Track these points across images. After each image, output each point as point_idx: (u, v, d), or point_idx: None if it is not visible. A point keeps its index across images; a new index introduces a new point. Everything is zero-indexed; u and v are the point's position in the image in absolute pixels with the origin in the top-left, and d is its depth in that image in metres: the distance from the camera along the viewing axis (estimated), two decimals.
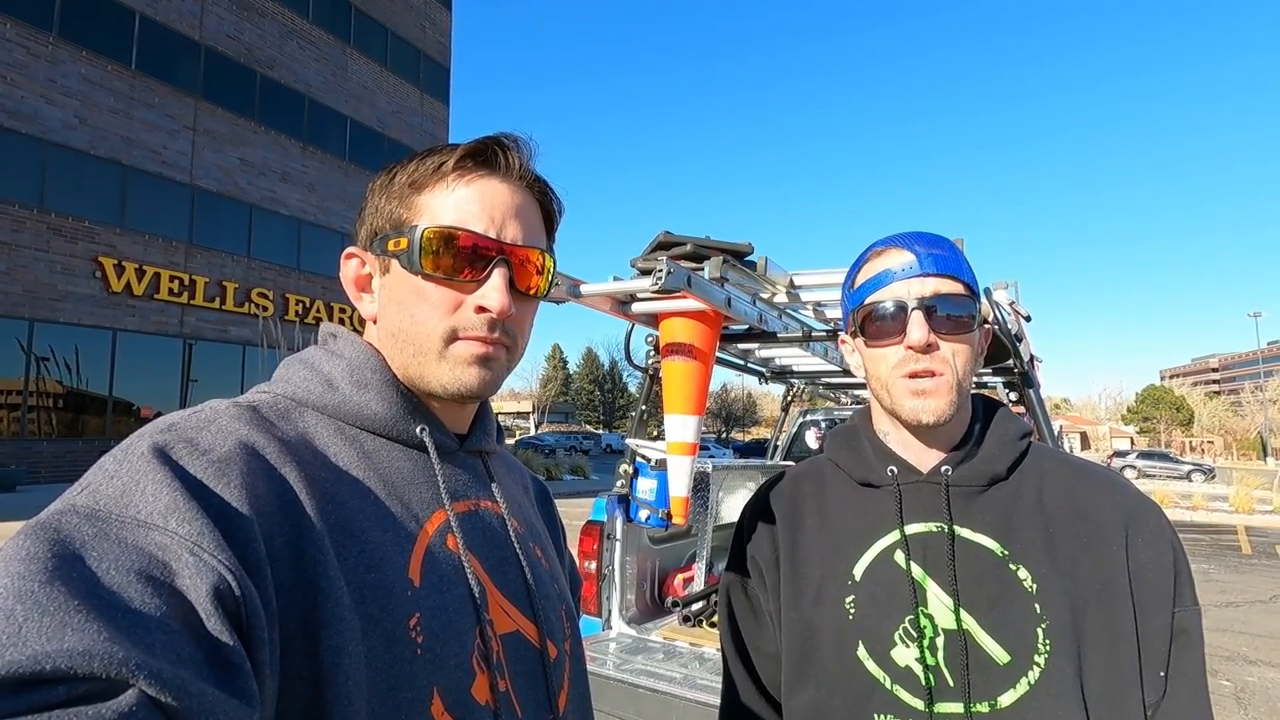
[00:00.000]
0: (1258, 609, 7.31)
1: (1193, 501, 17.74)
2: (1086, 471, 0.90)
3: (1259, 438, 64.70)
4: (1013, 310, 2.76)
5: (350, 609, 0.53)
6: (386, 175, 0.70)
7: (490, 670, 0.62)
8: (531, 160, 0.71)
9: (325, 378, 0.66)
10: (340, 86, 20.59)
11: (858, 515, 0.92)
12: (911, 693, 0.81)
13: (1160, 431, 74.01)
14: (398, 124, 22.29)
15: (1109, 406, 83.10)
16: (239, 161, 17.82)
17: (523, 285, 0.68)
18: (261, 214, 18.30)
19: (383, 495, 0.62)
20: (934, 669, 0.81)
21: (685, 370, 2.50)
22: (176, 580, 0.43)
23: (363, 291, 0.72)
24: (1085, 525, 0.84)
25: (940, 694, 0.80)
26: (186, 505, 0.47)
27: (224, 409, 0.59)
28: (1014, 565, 0.82)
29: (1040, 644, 0.79)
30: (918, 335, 0.83)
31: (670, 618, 3.21)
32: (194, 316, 16.56)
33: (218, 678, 0.41)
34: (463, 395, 0.67)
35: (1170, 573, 0.82)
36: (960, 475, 0.88)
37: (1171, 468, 33.72)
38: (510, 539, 0.72)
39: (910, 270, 0.86)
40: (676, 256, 2.33)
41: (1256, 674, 5.23)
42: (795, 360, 3.98)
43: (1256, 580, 8.90)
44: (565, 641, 0.74)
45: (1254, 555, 11.01)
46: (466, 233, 0.65)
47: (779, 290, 2.68)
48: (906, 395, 0.85)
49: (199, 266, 16.74)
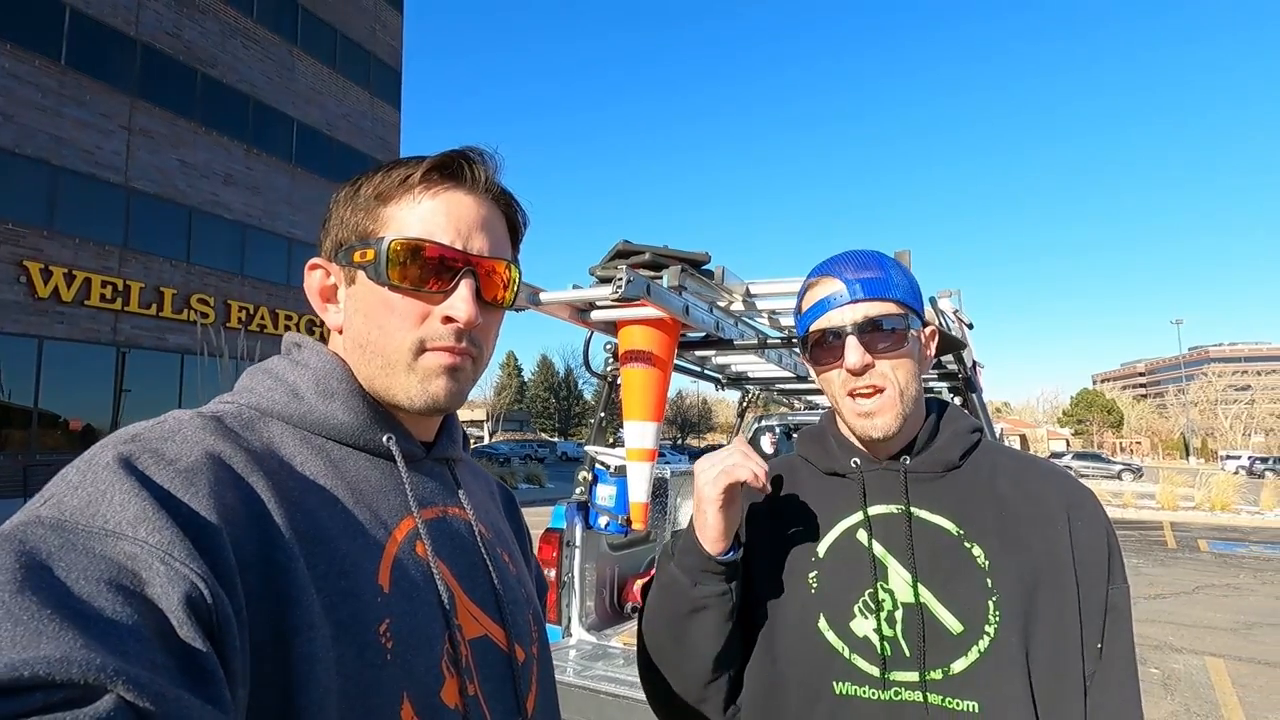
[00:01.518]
0: (1182, 600, 7.74)
1: (1123, 499, 18.68)
2: (1032, 462, 1.00)
3: (1182, 438, 68.49)
4: (956, 318, 2.88)
5: (320, 616, 0.54)
6: (351, 187, 0.71)
7: (459, 674, 0.63)
8: (497, 173, 0.72)
9: (290, 387, 0.66)
10: (286, 87, 20.03)
11: (824, 500, 0.99)
12: (869, 661, 0.87)
13: (1093, 433, 77.65)
14: (347, 127, 21.81)
15: (1046, 410, 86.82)
16: (178, 163, 17.14)
17: (489, 296, 0.70)
18: (202, 218, 17.64)
19: (351, 503, 0.62)
20: (890, 639, 0.88)
21: (644, 377, 2.53)
22: (148, 589, 0.43)
23: (328, 302, 0.72)
24: (1033, 508, 0.92)
25: (896, 663, 0.86)
26: (156, 514, 0.47)
27: (188, 419, 0.58)
28: (968, 544, 0.90)
29: (991, 615, 0.86)
30: (853, 359, 0.90)
31: (630, 623, 3.22)
32: (128, 324, 15.82)
33: (192, 684, 0.42)
34: (430, 410, 0.68)
35: (1105, 552, 0.90)
36: (918, 463, 0.96)
37: (1104, 467, 35.43)
38: (478, 545, 0.73)
39: (841, 299, 0.93)
40: (635, 265, 2.36)
41: (1182, 661, 5.53)
42: (751, 367, 4.06)
43: (1181, 573, 9.42)
44: (533, 645, 0.75)
45: (1178, 549, 11.65)
46: (433, 244, 0.66)
47: (735, 298, 2.74)
48: (854, 416, 0.93)
49: (134, 272, 16.01)
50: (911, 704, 0.85)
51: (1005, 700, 0.82)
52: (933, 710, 0.84)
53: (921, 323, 0.96)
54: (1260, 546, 12.00)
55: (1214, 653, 5.76)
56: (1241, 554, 11.19)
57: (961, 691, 0.84)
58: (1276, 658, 5.66)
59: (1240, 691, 4.87)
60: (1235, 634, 6.36)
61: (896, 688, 0.86)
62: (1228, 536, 13.29)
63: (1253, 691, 4.88)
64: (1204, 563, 10.33)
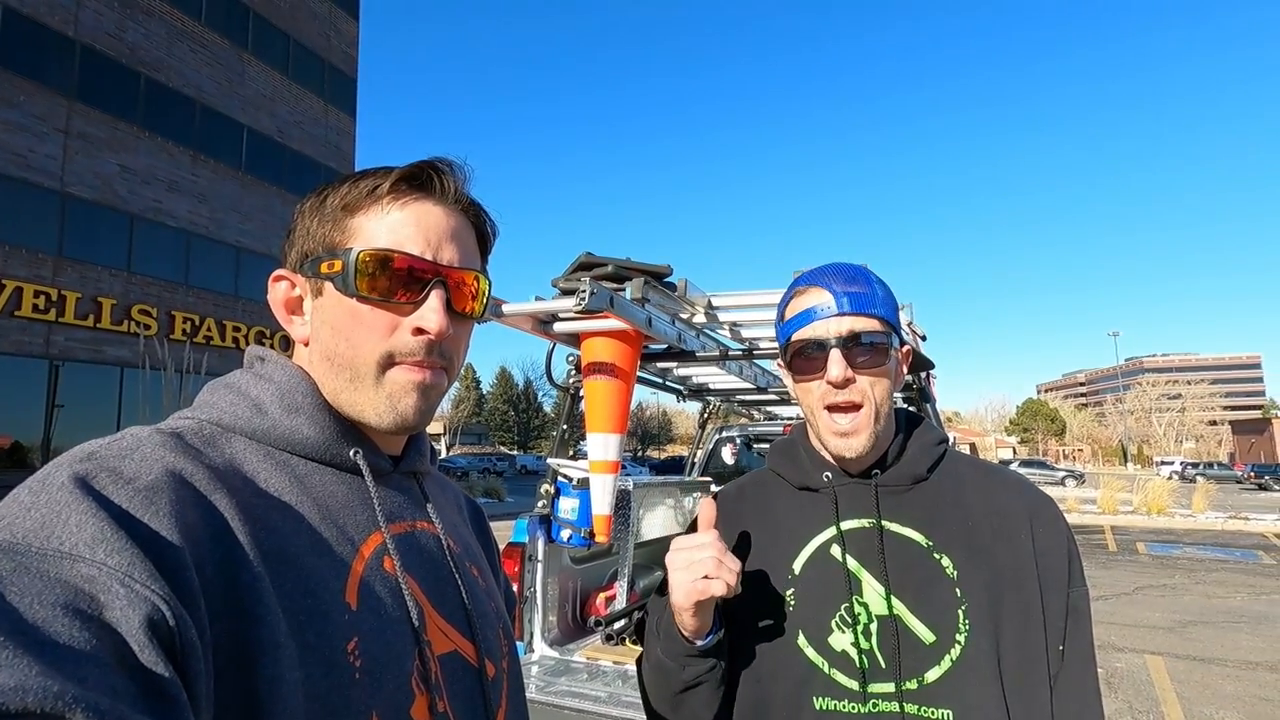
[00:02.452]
0: (1123, 601, 8.07)
1: (1067, 505, 19.38)
2: (996, 471, 1.03)
3: (1120, 445, 71.56)
4: (909, 330, 2.97)
5: (286, 635, 0.52)
6: (317, 197, 0.70)
7: (429, 691, 0.62)
8: (467, 184, 0.72)
9: (254, 402, 0.65)
10: (235, 93, 19.49)
11: (797, 515, 1.00)
12: (848, 675, 0.88)
13: (1038, 441, 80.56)
14: (299, 134, 21.32)
15: (994, 419, 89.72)
16: (118, 168, 16.47)
17: (459, 307, 0.69)
18: (145, 225, 16.97)
19: (317, 520, 0.61)
20: (868, 652, 0.89)
21: (607, 389, 2.53)
22: (106, 612, 0.42)
23: (293, 314, 0.71)
24: (997, 518, 0.94)
25: (873, 675, 0.87)
26: (114, 535, 0.45)
27: (146, 436, 0.56)
28: (937, 554, 0.91)
29: (961, 624, 0.88)
30: (836, 372, 0.91)
31: (593, 637, 3.19)
32: (62, 335, 15.08)
33: (153, 710, 0.40)
34: (398, 429, 0.67)
35: (1065, 557, 0.93)
36: (888, 477, 0.97)
37: (1048, 474, 36.79)
38: (447, 559, 0.72)
39: (828, 310, 0.93)
40: (599, 277, 2.37)
41: (1124, 660, 5.76)
42: (712, 378, 4.10)
43: (1121, 575, 9.82)
44: (503, 660, 0.74)
45: (1119, 552, 12.15)
46: (403, 255, 0.65)
47: (697, 311, 2.77)
48: (830, 434, 0.94)
49: (69, 281, 15.29)
50: (888, 714, 0.86)
51: (977, 706, 0.84)
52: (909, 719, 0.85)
53: (900, 341, 0.98)
54: (1193, 548, 12.60)
55: (1153, 651, 6.01)
56: (1177, 555, 11.72)
57: (936, 700, 0.85)
58: (1209, 654, 5.93)
59: (1178, 687, 5.09)
60: (1172, 632, 6.65)
61: (874, 700, 0.86)
62: (1164, 539, 13.92)
63: (1189, 687, 5.11)
64: (1143, 564, 10.79)
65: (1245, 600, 8.15)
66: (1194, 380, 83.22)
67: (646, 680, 0.97)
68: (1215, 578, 9.61)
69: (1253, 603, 8.02)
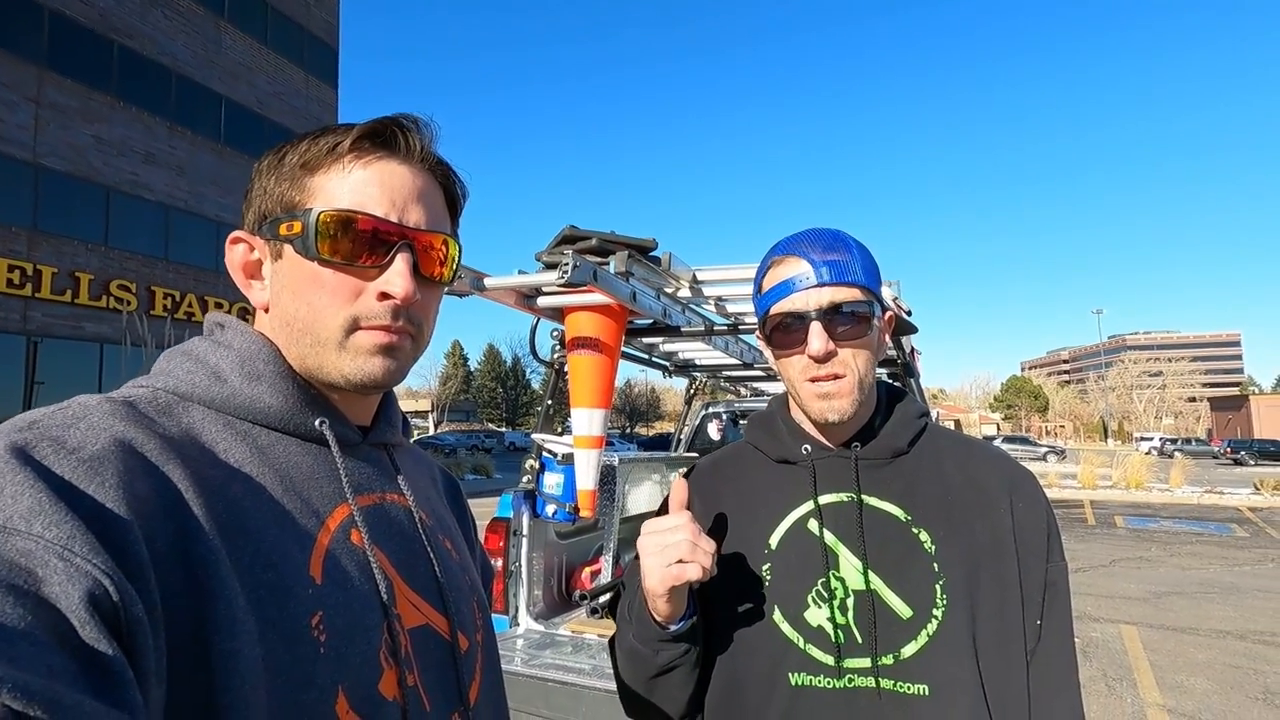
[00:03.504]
0: (1100, 573, 8.25)
1: (1048, 480, 19.71)
2: (976, 446, 1.01)
3: (1101, 421, 72.71)
4: (896, 306, 2.96)
5: (245, 610, 0.51)
6: (275, 155, 0.66)
7: (399, 665, 0.60)
8: (433, 142, 0.69)
9: (212, 370, 0.62)
10: (213, 62, 18.96)
11: (774, 489, 0.97)
12: (823, 650, 0.87)
13: (1021, 418, 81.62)
14: (279, 106, 20.83)
15: (979, 396, 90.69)
16: (93, 139, 16.04)
17: (427, 272, 0.67)
18: (122, 198, 16.58)
19: (279, 492, 0.59)
20: (844, 627, 0.87)
21: (591, 364, 2.52)
22: (44, 588, 0.40)
23: (252, 278, 0.68)
24: (976, 492, 0.93)
25: (849, 650, 0.86)
26: (53, 507, 0.43)
27: (94, 404, 0.54)
28: (916, 529, 0.90)
29: (938, 599, 0.86)
30: (817, 345, 0.87)
31: (578, 611, 3.21)
32: (39, 311, 14.79)
33: (96, 688, 0.39)
34: (366, 386, 0.65)
35: (1045, 532, 0.92)
36: (868, 450, 0.95)
37: (1031, 450, 37.34)
38: (418, 532, 0.70)
39: (807, 281, 0.89)
40: (582, 251, 2.33)
41: (1099, 630, 5.90)
42: (698, 354, 4.08)
43: (1099, 547, 10.03)
44: (477, 633, 0.73)
45: (1097, 525, 12.40)
46: (366, 216, 0.63)
47: (682, 285, 2.74)
48: (813, 399, 0.91)
49: (45, 255, 14.96)
50: (864, 689, 0.85)
51: (953, 681, 0.84)
52: (885, 695, 0.84)
53: (882, 309, 0.95)
54: (1170, 522, 12.88)
55: (1128, 621, 6.15)
56: (1153, 529, 11.98)
57: (912, 675, 0.84)
58: (1182, 624, 6.09)
59: (1150, 655, 5.23)
60: (1146, 603, 6.81)
61: (850, 675, 0.85)
62: (1141, 513, 14.21)
63: (1161, 655, 5.25)
64: (1120, 538, 11.02)
65: (1218, 572, 8.36)
66: (1175, 358, 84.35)
67: (620, 664, 0.96)
68: (1190, 550, 9.83)
69: (1225, 574, 8.22)
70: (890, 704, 0.84)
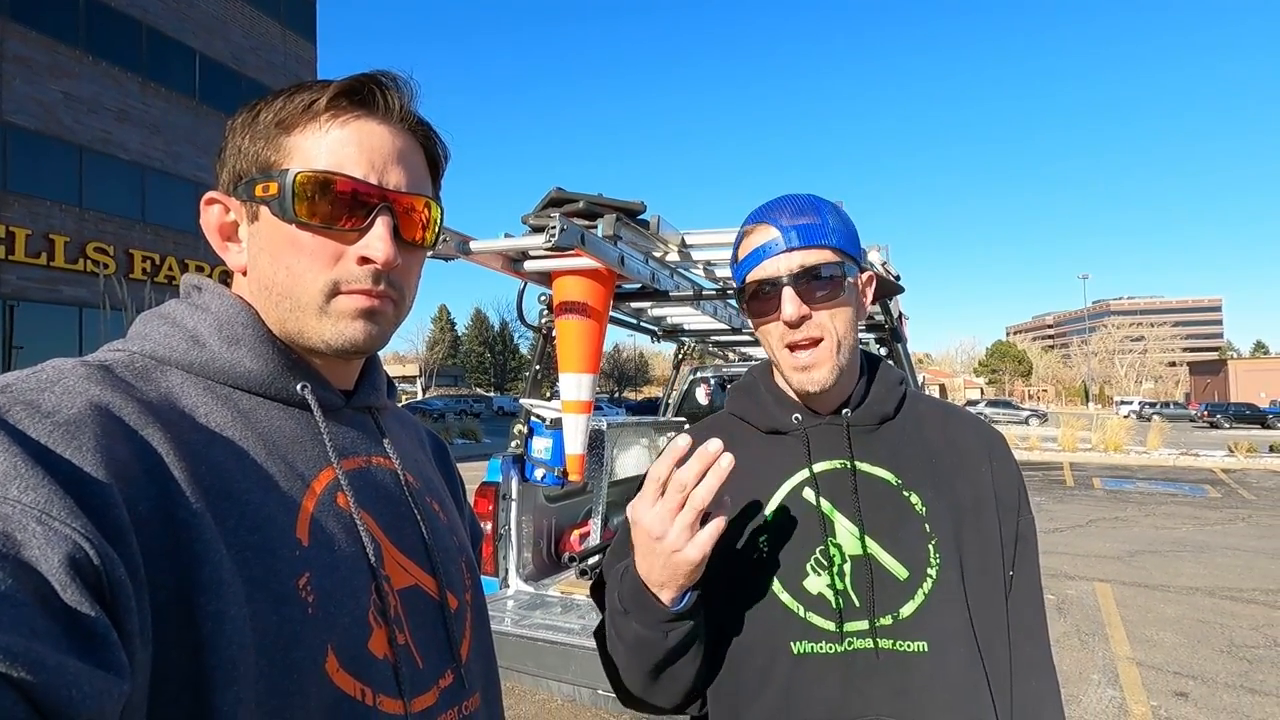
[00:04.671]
0: (1077, 533, 8.47)
1: (1030, 443, 20.09)
2: (953, 410, 1.05)
3: (1083, 385, 73.84)
4: (885, 271, 2.96)
5: (232, 572, 0.51)
6: (249, 113, 0.64)
7: (388, 624, 0.61)
8: (413, 101, 0.67)
9: (190, 333, 0.61)
10: (185, 15, 18.26)
11: (767, 460, 0.97)
12: (824, 617, 0.88)
13: (1005, 382, 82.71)
14: (256, 61, 20.17)
15: (964, 361, 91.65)
16: (62, 95, 15.50)
17: (408, 235, 0.65)
18: (95, 157, 16.12)
19: (262, 456, 0.58)
20: (842, 592, 0.89)
21: (579, 328, 2.51)
22: (24, 551, 0.40)
23: (228, 241, 0.66)
24: (958, 454, 0.97)
25: (848, 614, 0.88)
26: (29, 471, 0.42)
27: (70, 368, 0.53)
28: (906, 492, 0.92)
29: (931, 558, 0.89)
30: (790, 310, 0.88)
31: (567, 573, 3.26)
32: (14, 274, 14.48)
33: (79, 650, 0.39)
34: (347, 350, 0.64)
35: (1016, 487, 0.97)
36: (858, 416, 0.96)
37: (1013, 414, 38.03)
38: (405, 494, 0.70)
39: (777, 247, 0.90)
40: (569, 214, 2.30)
41: (1075, 587, 6.08)
42: (686, 319, 4.08)
43: (1076, 508, 10.28)
44: (466, 593, 0.74)
45: (1075, 487, 12.68)
46: (345, 178, 0.61)
47: (671, 249, 2.72)
48: (791, 371, 0.92)
49: (18, 216, 14.58)
50: (863, 651, 0.86)
51: (949, 636, 0.86)
52: (883, 654, 0.85)
53: (859, 269, 0.94)
54: (1146, 483, 13.20)
55: (1102, 578, 6.35)
56: (1130, 490, 12.28)
57: (910, 634, 0.86)
58: (1153, 581, 6.29)
59: (1123, 611, 5.41)
60: (1120, 561, 7.02)
61: (850, 638, 0.87)
62: (1119, 474, 14.54)
63: (1133, 611, 5.43)
64: (1097, 499, 11.30)
65: (1190, 531, 8.61)
66: (1157, 323, 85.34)
67: (620, 660, 0.91)
68: (1164, 510, 10.11)
69: (1196, 533, 8.48)
70: (889, 662, 0.86)
